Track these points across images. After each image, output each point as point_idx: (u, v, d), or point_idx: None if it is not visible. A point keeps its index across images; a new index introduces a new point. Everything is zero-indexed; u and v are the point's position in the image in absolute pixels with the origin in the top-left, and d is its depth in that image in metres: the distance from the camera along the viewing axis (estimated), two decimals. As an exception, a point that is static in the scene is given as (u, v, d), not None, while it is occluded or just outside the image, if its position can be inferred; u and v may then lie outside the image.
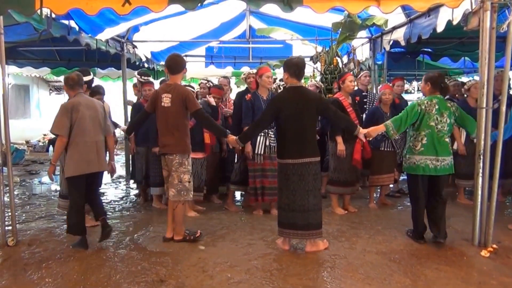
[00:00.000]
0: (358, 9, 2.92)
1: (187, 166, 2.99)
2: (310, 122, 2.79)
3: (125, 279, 2.45)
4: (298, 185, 2.74)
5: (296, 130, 2.74)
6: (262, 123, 2.97)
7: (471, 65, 7.21)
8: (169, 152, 2.97)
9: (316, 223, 2.79)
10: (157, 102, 2.97)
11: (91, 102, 3.01)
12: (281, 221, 2.86)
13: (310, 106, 2.76)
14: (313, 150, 2.78)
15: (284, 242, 2.92)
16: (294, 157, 2.74)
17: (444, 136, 2.92)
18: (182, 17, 5.68)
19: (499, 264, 2.65)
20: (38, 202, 4.47)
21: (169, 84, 3.01)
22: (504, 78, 2.93)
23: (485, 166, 2.86)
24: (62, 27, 3.90)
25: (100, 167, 2.98)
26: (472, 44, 5.16)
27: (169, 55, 3.15)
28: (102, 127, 3.02)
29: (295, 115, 2.74)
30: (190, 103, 2.93)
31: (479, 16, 2.80)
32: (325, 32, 5.85)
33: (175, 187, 2.97)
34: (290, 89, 2.85)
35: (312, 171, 2.74)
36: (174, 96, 2.92)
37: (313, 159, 2.76)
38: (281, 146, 2.85)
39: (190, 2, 2.82)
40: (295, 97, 2.77)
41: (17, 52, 5.97)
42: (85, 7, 2.78)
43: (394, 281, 2.42)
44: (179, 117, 2.94)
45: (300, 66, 2.82)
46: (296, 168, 2.74)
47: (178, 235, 3.04)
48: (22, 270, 2.60)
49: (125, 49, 5.70)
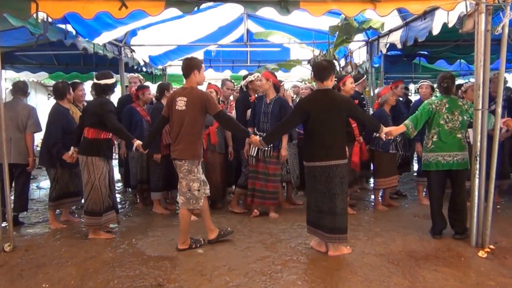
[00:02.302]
0: (355, 12, 2.95)
1: (196, 174, 2.91)
2: (338, 125, 2.78)
3: (123, 284, 2.44)
4: (325, 188, 2.75)
5: (323, 133, 2.75)
6: (289, 124, 2.99)
7: (467, 67, 7.27)
8: (178, 158, 2.90)
9: (342, 228, 2.77)
10: (172, 106, 2.92)
11: (15, 106, 3.65)
12: (309, 219, 2.91)
13: (338, 109, 2.77)
14: (341, 153, 2.78)
15: (319, 245, 2.90)
16: (322, 159, 2.74)
17: (455, 133, 3.05)
18: (180, 21, 5.70)
19: (496, 264, 2.66)
20: (36, 207, 4.44)
21: (184, 87, 2.97)
22: (499, 80, 2.96)
23: (481, 167, 2.88)
24: (59, 31, 3.89)
25: (14, 159, 3.50)
26: (467, 47, 5.20)
27: None
28: (19, 126, 3.58)
29: (323, 117, 2.75)
30: (211, 105, 2.86)
31: (474, 18, 2.83)
32: (322, 35, 5.88)
33: (184, 195, 2.91)
34: (318, 91, 2.88)
35: (339, 174, 2.74)
36: (190, 99, 2.86)
37: (340, 161, 2.75)
38: (309, 149, 2.84)
39: (187, 6, 2.84)
40: (323, 100, 2.79)
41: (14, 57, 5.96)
42: (81, 11, 2.78)
43: (393, 282, 2.42)
44: (194, 122, 2.87)
45: (316, 68, 2.90)
46: (323, 171, 2.74)
47: (183, 244, 2.96)
48: (19, 275, 2.58)
49: (123, 53, 5.71)
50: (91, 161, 3.13)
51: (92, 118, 3.17)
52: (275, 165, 3.73)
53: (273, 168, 3.72)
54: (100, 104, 3.18)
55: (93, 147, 3.15)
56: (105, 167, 3.20)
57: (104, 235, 3.27)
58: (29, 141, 3.66)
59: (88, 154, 3.14)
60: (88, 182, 3.14)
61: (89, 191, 3.15)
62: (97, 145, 3.16)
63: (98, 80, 3.22)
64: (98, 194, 3.15)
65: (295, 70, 6.68)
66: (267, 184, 3.72)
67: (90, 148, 3.16)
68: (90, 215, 3.19)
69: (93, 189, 3.14)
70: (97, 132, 3.17)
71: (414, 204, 4.34)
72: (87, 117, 3.22)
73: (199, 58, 3.18)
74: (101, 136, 3.18)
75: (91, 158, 3.13)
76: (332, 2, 2.85)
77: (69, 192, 3.68)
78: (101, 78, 3.22)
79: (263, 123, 3.72)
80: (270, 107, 3.71)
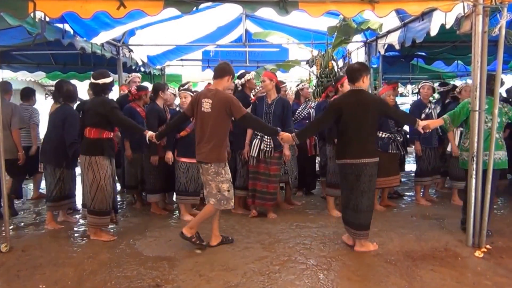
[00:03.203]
0: (353, 13, 2.96)
1: (224, 175, 2.92)
2: (370, 124, 2.87)
3: (121, 285, 2.43)
4: (354, 185, 2.84)
5: (355, 132, 2.84)
6: (322, 124, 3.11)
7: (464, 68, 7.30)
8: (204, 161, 2.89)
9: (366, 224, 2.88)
10: (197, 106, 2.91)
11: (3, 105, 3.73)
12: (343, 216, 3.01)
13: (370, 109, 2.86)
14: (371, 152, 2.87)
15: (347, 238, 3.01)
16: (353, 157, 2.82)
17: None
18: (179, 21, 5.69)
19: (492, 264, 2.68)
20: (32, 208, 4.42)
21: (210, 89, 2.96)
22: (496, 81, 2.97)
23: (478, 168, 2.89)
24: (57, 31, 3.88)
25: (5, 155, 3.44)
26: (464, 48, 5.24)
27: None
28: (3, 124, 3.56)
29: (355, 117, 2.84)
30: (236, 108, 2.85)
31: (471, 20, 2.84)
32: (320, 36, 5.89)
33: (214, 197, 2.91)
34: (350, 92, 2.97)
35: (369, 172, 2.83)
36: (215, 102, 2.85)
37: (370, 160, 2.84)
38: (341, 147, 2.94)
39: (186, 6, 2.83)
40: (355, 100, 2.87)
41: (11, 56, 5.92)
42: (79, 11, 2.77)
43: (390, 282, 2.43)
44: (219, 124, 2.87)
45: (348, 70, 3.01)
46: (353, 168, 2.83)
47: (188, 231, 2.91)
48: (16, 276, 2.57)
49: (121, 53, 5.69)
50: (95, 160, 3.10)
51: (94, 118, 3.14)
52: (277, 165, 3.75)
53: (275, 169, 3.73)
54: (103, 103, 3.15)
55: (96, 147, 3.13)
56: (109, 166, 3.18)
57: (106, 236, 3.24)
58: (15, 137, 3.92)
59: (91, 154, 3.12)
60: (93, 182, 3.11)
61: (95, 191, 3.11)
62: (100, 145, 3.13)
63: (96, 80, 3.20)
64: (104, 193, 3.13)
65: (293, 71, 6.69)
66: (268, 185, 3.73)
67: (93, 148, 3.13)
68: (97, 215, 3.15)
69: (99, 189, 3.11)
70: (100, 132, 3.14)
71: (412, 204, 4.36)
72: (89, 117, 3.19)
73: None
74: (104, 135, 3.16)
75: (95, 158, 3.10)
76: (330, 2, 2.85)
77: (69, 194, 3.67)
78: (98, 78, 3.20)
79: None
80: (272, 108, 3.71)
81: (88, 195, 3.17)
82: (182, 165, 3.75)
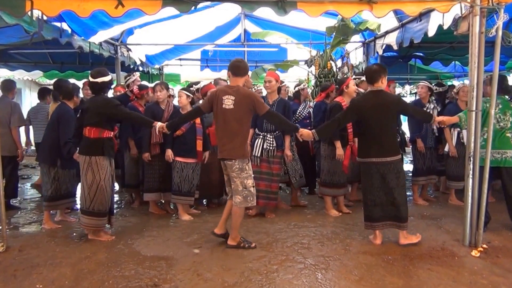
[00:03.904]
0: (351, 13, 2.97)
1: (248, 171, 2.94)
2: (389, 123, 2.96)
3: (118, 284, 2.42)
4: (382, 183, 2.93)
5: (377, 131, 2.93)
6: (342, 122, 3.14)
7: (461, 69, 7.34)
8: (228, 157, 2.89)
9: (404, 216, 2.96)
10: (217, 103, 2.88)
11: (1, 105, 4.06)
12: (367, 215, 3.03)
13: (389, 108, 2.96)
14: (394, 149, 2.97)
15: (375, 237, 3.05)
16: (377, 156, 2.92)
17: (505, 132, 3.21)
18: (177, 20, 5.68)
19: (489, 263, 2.69)
20: (30, 207, 4.40)
21: (231, 86, 2.94)
22: (492, 82, 2.99)
23: (475, 168, 2.91)
24: (54, 30, 3.86)
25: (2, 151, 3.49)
26: (462, 49, 5.27)
27: (234, 58, 3.06)
28: (2, 122, 3.95)
29: (376, 116, 2.92)
30: (259, 105, 2.88)
31: (468, 21, 2.86)
32: (319, 36, 5.90)
33: (240, 193, 2.90)
34: (370, 93, 3.05)
35: (394, 169, 2.92)
36: (238, 98, 2.84)
37: (394, 158, 2.94)
38: (364, 147, 3.02)
39: (184, 5, 2.83)
40: (375, 100, 2.96)
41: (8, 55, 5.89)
42: (77, 9, 2.76)
43: (388, 281, 2.44)
44: (242, 120, 2.88)
45: (367, 71, 3.12)
46: (378, 167, 2.92)
47: (232, 240, 2.98)
48: (12, 276, 2.55)
49: (119, 52, 5.67)
50: (95, 161, 3.07)
51: (95, 118, 3.10)
52: (279, 164, 3.77)
53: (277, 168, 3.75)
54: (105, 103, 3.12)
55: (96, 147, 3.09)
56: (109, 166, 3.15)
57: (105, 236, 3.23)
58: (15, 134, 4.06)
59: (91, 154, 3.08)
60: (93, 182, 3.07)
61: (94, 192, 3.07)
62: (100, 145, 3.09)
63: (95, 79, 3.16)
64: (104, 194, 3.10)
65: (292, 71, 6.70)
66: (271, 185, 3.74)
67: (93, 147, 3.09)
68: (96, 216, 3.11)
69: (99, 190, 3.07)
70: (100, 131, 3.11)
71: (409, 204, 4.35)
72: (89, 116, 3.13)
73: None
74: (104, 135, 3.12)
75: (94, 158, 3.07)
76: (329, 3, 2.86)
77: (66, 193, 3.63)
78: (97, 76, 3.16)
79: (266, 123, 3.72)
80: (273, 108, 3.71)
81: (87, 196, 3.10)
82: (177, 165, 3.75)
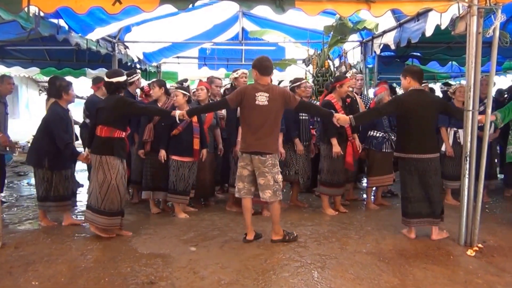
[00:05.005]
0: (349, 12, 2.97)
1: (278, 167, 3.03)
2: (431, 121, 3.10)
3: (115, 281, 2.42)
4: (420, 179, 3.03)
5: (419, 128, 3.03)
6: (381, 112, 3.36)
7: (458, 69, 7.37)
8: (263, 151, 2.93)
9: (438, 213, 3.08)
10: (248, 100, 2.92)
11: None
12: (405, 211, 3.13)
13: (431, 107, 3.09)
14: (434, 147, 3.10)
15: (409, 231, 3.15)
16: (417, 152, 3.02)
17: None
18: (175, 18, 5.66)
19: (484, 263, 2.71)
20: (26, 204, 4.38)
21: (262, 84, 2.97)
22: (489, 82, 3.01)
23: (471, 168, 2.93)
24: (51, 26, 3.83)
25: None
26: (459, 49, 5.28)
27: (260, 57, 3.06)
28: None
29: (419, 114, 3.02)
30: (292, 98, 3.05)
31: (466, 21, 2.87)
32: (317, 35, 5.90)
33: (271, 188, 2.95)
34: (414, 91, 3.12)
35: (433, 166, 3.04)
36: (273, 95, 2.93)
37: (433, 155, 3.05)
38: (405, 142, 3.12)
39: (182, 2, 2.82)
40: (419, 99, 3.07)
41: (5, 52, 5.86)
42: (74, 6, 2.74)
43: (383, 280, 2.45)
44: (277, 116, 3.01)
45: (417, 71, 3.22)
46: (418, 163, 3.02)
47: (277, 234, 3.04)
48: (8, 273, 2.54)
49: (116, 50, 5.64)
50: (105, 160, 3.04)
51: (109, 117, 3.09)
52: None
53: None
54: (120, 102, 3.12)
55: (106, 146, 3.07)
56: (121, 165, 3.12)
57: (123, 232, 3.23)
58: None
59: (102, 153, 3.06)
60: (104, 182, 3.03)
61: (105, 191, 3.04)
62: (110, 144, 3.07)
63: (110, 78, 3.15)
64: (116, 193, 3.07)
65: (290, 69, 6.70)
66: None
67: (104, 147, 3.07)
68: (107, 215, 3.08)
69: (110, 189, 3.04)
70: (111, 131, 3.09)
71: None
72: (101, 115, 3.12)
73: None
74: (115, 134, 3.10)
75: (105, 157, 3.04)
76: (327, 1, 2.86)
77: (59, 196, 3.45)
78: (112, 76, 3.16)
79: None
80: None
81: (98, 195, 3.06)
82: (173, 163, 3.74)
